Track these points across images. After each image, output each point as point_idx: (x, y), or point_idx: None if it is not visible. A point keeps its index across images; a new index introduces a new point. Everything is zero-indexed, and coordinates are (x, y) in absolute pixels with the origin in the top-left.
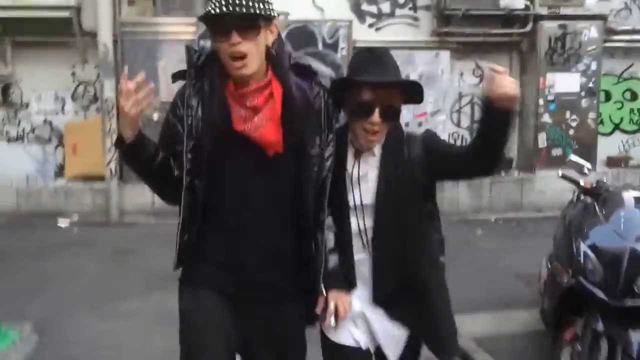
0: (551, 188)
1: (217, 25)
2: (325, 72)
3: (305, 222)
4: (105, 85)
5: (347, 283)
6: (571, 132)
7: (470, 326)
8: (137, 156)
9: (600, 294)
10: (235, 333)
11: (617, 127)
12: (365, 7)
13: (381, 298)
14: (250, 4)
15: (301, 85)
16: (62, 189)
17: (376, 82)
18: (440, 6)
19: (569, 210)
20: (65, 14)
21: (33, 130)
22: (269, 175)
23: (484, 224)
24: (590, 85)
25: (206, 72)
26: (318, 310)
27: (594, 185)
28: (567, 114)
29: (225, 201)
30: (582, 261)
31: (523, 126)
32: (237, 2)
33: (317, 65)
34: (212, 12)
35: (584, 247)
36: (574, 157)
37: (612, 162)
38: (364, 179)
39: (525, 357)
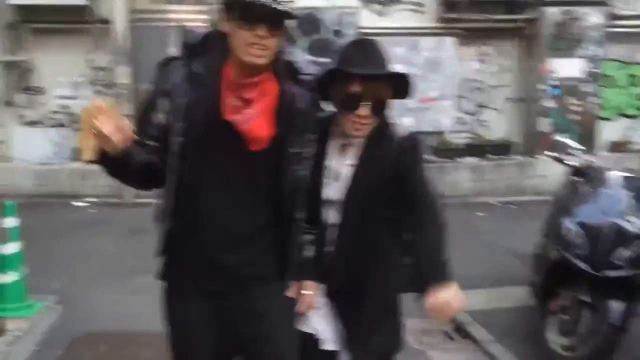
0: (552, 172)
1: (245, 12)
2: (308, 69)
3: (281, 219)
4: (120, 71)
5: (319, 275)
6: (574, 117)
7: (465, 301)
8: (126, 166)
9: (585, 267)
10: (227, 342)
11: (619, 112)
12: None
13: (332, 293)
14: (285, 0)
15: (287, 84)
16: (79, 171)
17: (365, 75)
18: None
19: (559, 189)
20: (81, 1)
21: (50, 114)
22: (248, 169)
23: (485, 207)
24: (593, 70)
25: (198, 55)
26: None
27: (582, 165)
28: (570, 99)
29: (206, 191)
30: (568, 236)
31: (526, 111)
32: None
33: (302, 61)
34: None
35: (570, 223)
36: (561, 138)
37: (613, 146)
38: (340, 174)
39: (516, 329)
